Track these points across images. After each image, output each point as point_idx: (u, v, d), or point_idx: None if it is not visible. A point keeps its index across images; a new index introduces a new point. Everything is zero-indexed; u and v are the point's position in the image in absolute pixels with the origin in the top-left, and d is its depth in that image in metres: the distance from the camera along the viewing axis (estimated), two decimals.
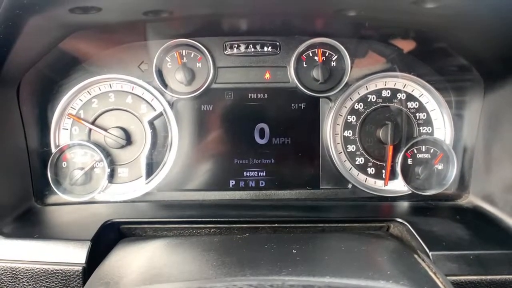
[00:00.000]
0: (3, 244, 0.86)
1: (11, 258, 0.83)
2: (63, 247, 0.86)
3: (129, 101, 1.09)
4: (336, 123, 1.10)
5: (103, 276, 0.72)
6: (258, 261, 0.61)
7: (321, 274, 0.58)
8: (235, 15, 0.94)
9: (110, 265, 0.77)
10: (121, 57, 1.08)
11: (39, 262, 0.83)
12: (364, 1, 0.78)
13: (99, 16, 0.78)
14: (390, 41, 1.08)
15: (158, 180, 1.09)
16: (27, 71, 0.93)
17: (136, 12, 0.81)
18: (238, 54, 1.10)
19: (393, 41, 1.08)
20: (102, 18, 0.80)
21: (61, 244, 0.86)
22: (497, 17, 0.74)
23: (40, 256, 0.83)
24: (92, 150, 1.07)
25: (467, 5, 0.72)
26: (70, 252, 0.84)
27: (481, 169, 1.01)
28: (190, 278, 0.58)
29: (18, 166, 0.98)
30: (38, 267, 0.83)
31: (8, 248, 0.85)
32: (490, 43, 0.86)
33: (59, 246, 0.86)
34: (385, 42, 1.09)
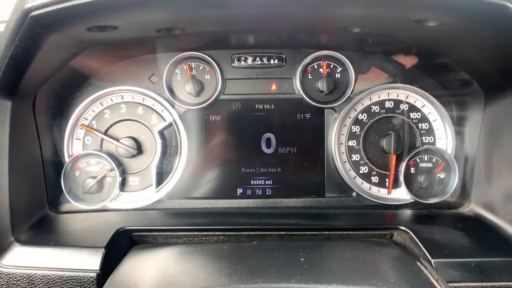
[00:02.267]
0: (20, 251, 0.89)
1: (28, 265, 0.86)
2: (77, 254, 0.89)
3: (140, 112, 1.12)
4: (341, 133, 1.13)
5: (118, 282, 0.75)
6: (268, 269, 0.64)
7: (328, 282, 0.61)
8: (242, 31, 0.98)
9: (124, 272, 0.80)
10: (132, 69, 1.11)
11: (54, 269, 0.85)
12: (368, 20, 0.82)
13: (114, 34, 0.82)
14: (393, 56, 1.11)
15: (168, 189, 1.12)
16: (43, 84, 0.96)
17: (149, 29, 0.84)
18: (246, 67, 1.13)
19: (396, 56, 1.10)
20: (116, 35, 0.83)
21: (76, 251, 0.89)
22: (494, 34, 0.77)
23: (55, 262, 0.86)
24: (104, 160, 1.10)
25: (465, 23, 0.75)
26: (85, 259, 0.87)
27: (482, 178, 1.03)
28: (204, 286, 0.61)
29: (34, 175, 1.01)
30: (54, 273, 0.85)
31: (24, 255, 0.88)
32: (490, 58, 0.88)
33: (74, 253, 0.89)
34: (388, 56, 1.11)
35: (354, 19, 0.83)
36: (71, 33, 0.78)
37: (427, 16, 0.73)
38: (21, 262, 0.86)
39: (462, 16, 0.72)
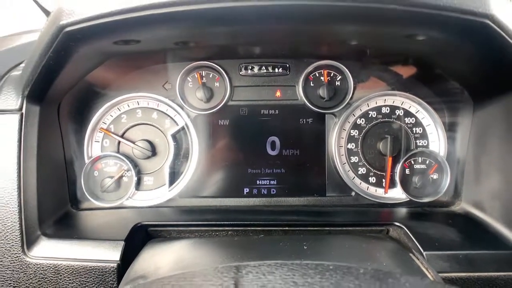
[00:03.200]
0: (47, 244, 0.97)
1: (54, 256, 0.92)
2: (99, 246, 0.96)
3: (154, 116, 1.20)
4: (341, 137, 1.20)
5: (138, 270, 0.83)
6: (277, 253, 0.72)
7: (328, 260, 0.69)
8: (250, 43, 1.06)
9: (143, 261, 0.88)
10: (147, 78, 1.19)
11: (78, 260, 0.91)
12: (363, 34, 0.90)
13: (135, 46, 0.90)
14: (390, 66, 1.18)
15: (179, 188, 1.19)
16: (67, 92, 1.05)
17: (168, 42, 0.93)
18: (252, 75, 1.21)
19: (392, 66, 1.18)
20: (137, 47, 0.92)
21: (98, 244, 0.97)
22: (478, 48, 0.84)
23: (79, 254, 0.92)
24: (121, 161, 1.18)
25: (451, 38, 0.83)
26: (106, 251, 0.95)
27: (471, 179, 1.10)
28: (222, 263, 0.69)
29: (58, 175, 1.09)
30: (78, 264, 0.92)
31: (50, 247, 0.95)
32: (476, 69, 0.96)
33: (95, 245, 0.97)
34: (385, 66, 1.18)
35: (351, 34, 0.91)
36: (99, 46, 0.87)
37: (414, 32, 0.82)
38: (47, 254, 0.93)
39: (447, 32, 0.80)
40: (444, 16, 0.72)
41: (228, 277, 0.40)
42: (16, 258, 0.93)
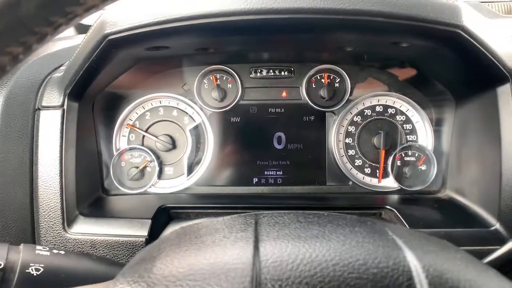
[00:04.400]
0: (84, 222, 1.11)
1: (90, 232, 1.05)
2: (129, 224, 1.10)
3: (174, 114, 1.35)
4: (339, 132, 1.34)
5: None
6: None
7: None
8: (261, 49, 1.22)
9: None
10: (169, 80, 1.34)
11: (111, 235, 1.04)
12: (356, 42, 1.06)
13: (163, 52, 1.06)
14: (383, 69, 1.33)
15: (196, 177, 1.34)
16: (101, 91, 1.21)
17: (191, 48, 1.09)
18: (261, 77, 1.35)
19: (385, 69, 1.33)
20: (164, 53, 1.08)
21: (128, 222, 1.11)
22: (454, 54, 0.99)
23: (112, 230, 1.05)
24: (145, 153, 1.32)
25: (430, 45, 0.98)
26: (135, 228, 1.09)
27: (455, 169, 1.24)
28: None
29: (91, 164, 1.24)
30: (111, 239, 1.05)
31: (87, 225, 1.09)
32: (455, 72, 1.11)
33: (126, 223, 1.11)
34: (378, 69, 1.33)
35: (346, 41, 1.07)
36: (133, 51, 1.03)
37: (398, 39, 0.97)
38: (85, 230, 1.06)
39: (426, 39, 0.95)
40: (422, 27, 0.87)
41: (249, 217, 0.55)
42: (58, 234, 1.07)
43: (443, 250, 0.50)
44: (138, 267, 0.49)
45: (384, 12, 0.86)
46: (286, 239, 0.47)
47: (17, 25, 0.38)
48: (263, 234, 0.49)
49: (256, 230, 0.50)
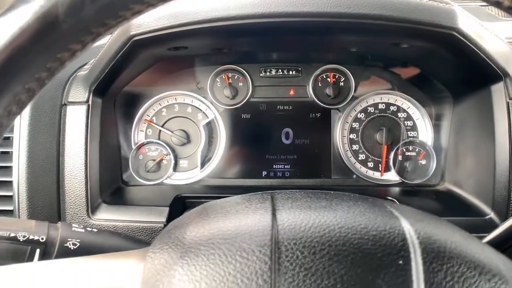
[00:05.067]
0: (107, 209, 1.19)
1: (113, 219, 1.13)
2: (149, 211, 1.18)
3: (189, 110, 1.43)
4: (344, 128, 1.42)
5: None
6: None
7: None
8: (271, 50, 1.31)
9: None
10: (184, 78, 1.42)
11: (132, 221, 1.12)
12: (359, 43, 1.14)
13: (181, 52, 1.15)
14: (385, 69, 1.42)
15: (209, 170, 1.42)
16: (122, 88, 1.30)
17: (207, 49, 1.18)
18: (270, 76, 1.44)
19: (387, 69, 1.41)
20: (182, 53, 1.17)
21: (147, 209, 1.19)
22: (450, 54, 1.08)
23: (132, 217, 1.13)
24: (161, 147, 1.41)
25: (428, 45, 1.06)
26: (155, 214, 1.17)
27: (452, 162, 1.32)
28: None
29: (113, 156, 1.33)
30: (132, 225, 1.12)
31: (110, 212, 1.17)
32: (452, 71, 1.19)
33: (146, 210, 1.19)
34: (381, 69, 1.41)
35: (349, 42, 1.15)
36: (155, 51, 1.12)
37: (398, 40, 1.06)
38: (107, 217, 1.13)
39: (424, 41, 1.03)
40: (420, 29, 0.96)
41: (265, 194, 0.63)
42: (82, 220, 1.15)
43: (434, 220, 0.58)
44: (171, 234, 0.57)
45: (385, 16, 0.94)
46: (298, 209, 0.56)
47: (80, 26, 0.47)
48: (279, 205, 0.57)
49: (273, 202, 0.59)
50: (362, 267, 0.48)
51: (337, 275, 0.47)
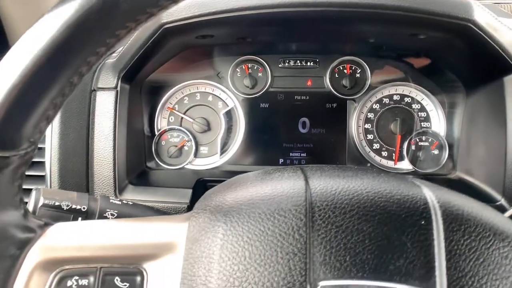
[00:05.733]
0: (133, 190, 1.25)
1: (139, 199, 1.17)
2: (173, 192, 1.23)
3: (210, 99, 1.49)
4: (359, 118, 1.47)
5: None
6: None
7: None
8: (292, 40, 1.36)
9: None
10: (205, 68, 1.48)
11: (157, 202, 1.16)
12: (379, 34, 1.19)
13: (207, 40, 1.21)
14: (401, 61, 1.47)
15: (228, 156, 1.48)
16: (148, 76, 1.36)
17: (232, 38, 1.24)
18: (289, 67, 1.49)
19: (403, 60, 1.46)
20: (207, 41, 1.23)
21: (172, 191, 1.24)
22: (465, 45, 1.12)
23: (157, 198, 1.19)
24: (183, 133, 1.47)
25: (444, 37, 1.11)
26: (179, 196, 1.22)
27: (464, 152, 1.37)
28: None
29: (138, 141, 1.39)
30: (157, 205, 1.15)
31: (136, 193, 1.21)
32: (466, 63, 1.23)
33: (170, 192, 1.24)
34: (397, 61, 1.46)
35: (368, 33, 1.20)
36: (184, 39, 1.18)
37: (416, 31, 1.10)
38: (133, 197, 1.18)
39: (440, 32, 1.08)
40: (436, 20, 1.01)
41: (294, 167, 0.69)
42: None
43: (452, 191, 0.64)
44: (211, 199, 0.63)
45: (403, 6, 0.99)
46: (327, 177, 0.61)
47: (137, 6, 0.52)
48: (309, 174, 0.63)
49: (303, 172, 0.64)
50: (388, 226, 0.53)
51: (365, 232, 0.53)
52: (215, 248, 0.54)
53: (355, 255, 0.52)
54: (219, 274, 0.52)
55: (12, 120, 0.52)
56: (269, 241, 0.53)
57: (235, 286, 0.51)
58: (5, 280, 0.53)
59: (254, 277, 0.51)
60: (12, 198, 0.56)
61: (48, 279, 0.55)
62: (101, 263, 0.56)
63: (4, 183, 0.54)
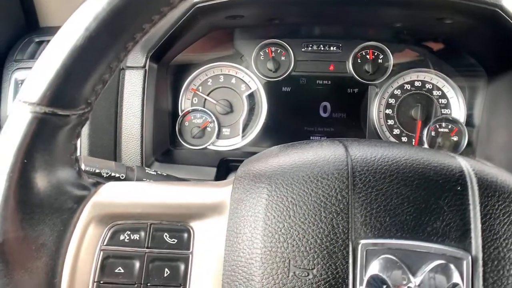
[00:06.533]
0: (159, 167, 1.28)
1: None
2: (198, 170, 1.29)
3: (233, 81, 1.51)
4: (380, 104, 1.49)
5: None
6: None
7: None
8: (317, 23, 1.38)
9: None
10: (229, 51, 1.51)
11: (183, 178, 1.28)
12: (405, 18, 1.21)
13: (236, 21, 1.24)
14: (423, 47, 1.49)
15: (250, 138, 1.50)
16: (175, 56, 1.39)
17: (261, 19, 1.26)
18: (312, 51, 1.51)
19: (425, 46, 1.48)
20: (236, 22, 1.25)
21: (197, 168, 1.29)
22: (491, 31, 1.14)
23: (184, 175, 1.22)
24: (206, 114, 1.50)
25: (471, 22, 1.13)
26: (204, 173, 1.27)
27: (484, 138, 1.38)
28: None
29: (163, 120, 1.43)
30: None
31: (162, 169, 1.25)
32: (491, 49, 1.25)
33: (195, 169, 1.30)
34: (420, 47, 1.48)
35: (395, 17, 1.22)
36: (214, 19, 1.21)
37: (443, 15, 1.12)
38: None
39: (467, 17, 1.10)
40: (464, 4, 1.02)
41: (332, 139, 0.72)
42: None
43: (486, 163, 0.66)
44: (253, 165, 0.66)
45: None
46: (366, 146, 0.64)
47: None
48: (347, 144, 0.66)
49: (341, 142, 0.67)
50: (426, 190, 0.56)
51: (404, 195, 0.56)
52: (260, 207, 0.57)
53: (395, 216, 0.54)
54: (265, 231, 0.55)
55: (73, 81, 0.55)
56: (312, 201, 0.56)
57: (280, 242, 0.54)
58: (64, 231, 0.57)
59: (298, 234, 0.54)
60: (69, 156, 0.59)
61: (103, 232, 0.58)
62: (151, 220, 0.60)
63: (63, 141, 0.57)
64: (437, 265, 0.52)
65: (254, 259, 0.54)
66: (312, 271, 0.52)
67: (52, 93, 0.53)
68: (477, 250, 0.53)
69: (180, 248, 0.59)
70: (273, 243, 0.54)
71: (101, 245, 0.58)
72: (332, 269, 0.52)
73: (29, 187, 0.54)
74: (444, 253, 0.53)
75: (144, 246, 0.58)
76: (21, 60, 1.35)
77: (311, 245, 0.53)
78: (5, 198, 0.52)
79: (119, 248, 0.58)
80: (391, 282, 0.51)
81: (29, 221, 0.54)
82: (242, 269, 0.55)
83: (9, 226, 0.53)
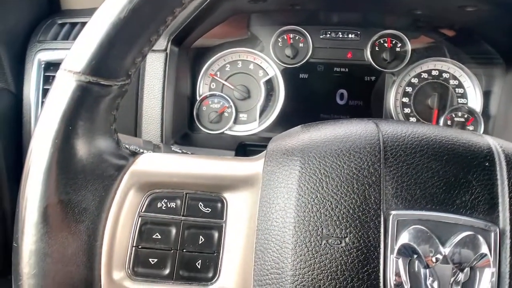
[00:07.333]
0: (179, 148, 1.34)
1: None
2: (218, 153, 1.29)
3: (251, 67, 1.53)
4: (397, 92, 1.49)
5: None
6: None
7: None
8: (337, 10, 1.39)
9: None
10: (248, 37, 1.53)
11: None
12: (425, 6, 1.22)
13: (257, 6, 1.25)
14: (442, 35, 1.49)
15: (267, 124, 1.51)
16: (196, 40, 1.41)
17: (284, 3, 1.27)
18: (330, 39, 1.52)
19: (444, 35, 1.48)
20: (258, 6, 1.27)
21: (215, 151, 1.31)
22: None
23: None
24: (224, 100, 1.51)
25: (493, 9, 1.13)
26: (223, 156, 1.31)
27: (501, 128, 1.39)
28: None
29: (183, 104, 1.45)
30: None
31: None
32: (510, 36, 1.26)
33: (214, 152, 1.30)
34: (438, 35, 1.48)
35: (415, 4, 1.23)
36: (236, 2, 1.22)
37: (466, 3, 1.13)
38: None
39: (489, 3, 1.11)
40: None
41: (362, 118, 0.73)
42: None
43: None
44: (285, 139, 0.68)
45: None
46: (395, 123, 0.66)
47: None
48: (377, 121, 0.67)
49: (371, 119, 0.69)
50: (455, 165, 0.58)
51: (434, 170, 0.57)
52: (293, 179, 0.59)
53: (425, 189, 0.56)
54: (298, 201, 0.57)
55: (116, 52, 0.57)
56: (345, 173, 0.57)
57: (313, 211, 0.56)
58: (105, 197, 0.59)
59: (331, 204, 0.56)
60: (109, 126, 0.61)
61: (141, 199, 0.60)
62: (186, 189, 0.62)
63: (104, 111, 0.60)
64: (466, 236, 0.54)
65: (287, 228, 0.56)
66: (344, 239, 0.54)
67: (96, 63, 0.56)
68: (504, 223, 0.55)
69: (214, 217, 0.61)
70: (306, 212, 0.56)
71: (139, 211, 0.60)
72: (364, 238, 0.54)
73: (72, 153, 0.56)
74: (472, 224, 0.54)
75: (180, 214, 0.61)
76: (44, 41, 1.37)
77: (344, 215, 0.55)
78: (49, 164, 0.55)
79: (156, 215, 0.60)
80: (421, 251, 0.53)
81: (73, 186, 0.56)
82: (275, 237, 0.57)
83: (53, 190, 0.55)
